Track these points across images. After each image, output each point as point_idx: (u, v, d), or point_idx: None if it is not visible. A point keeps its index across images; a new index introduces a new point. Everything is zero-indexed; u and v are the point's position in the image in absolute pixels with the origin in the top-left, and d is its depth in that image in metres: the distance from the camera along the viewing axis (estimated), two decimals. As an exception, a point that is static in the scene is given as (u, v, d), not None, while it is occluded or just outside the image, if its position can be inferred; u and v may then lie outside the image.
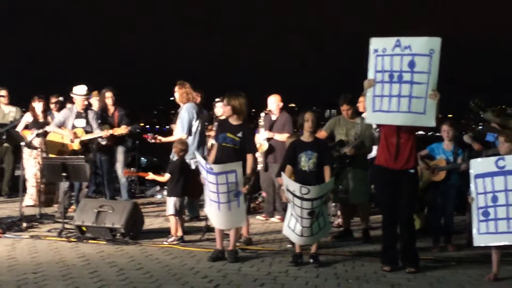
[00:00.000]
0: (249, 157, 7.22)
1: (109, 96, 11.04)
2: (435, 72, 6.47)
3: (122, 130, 10.32)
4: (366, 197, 8.60)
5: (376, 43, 6.70)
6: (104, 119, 10.85)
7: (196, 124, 9.75)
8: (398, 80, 6.57)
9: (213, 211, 7.21)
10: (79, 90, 10.27)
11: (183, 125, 9.65)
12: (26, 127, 11.19)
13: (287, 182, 6.77)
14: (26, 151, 10.96)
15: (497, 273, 6.41)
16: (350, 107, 8.55)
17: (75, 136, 9.99)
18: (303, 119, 7.16)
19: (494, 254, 6.46)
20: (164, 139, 9.84)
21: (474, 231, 6.47)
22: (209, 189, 7.11)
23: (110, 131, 10.24)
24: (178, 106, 10.17)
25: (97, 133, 10.21)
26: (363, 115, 8.34)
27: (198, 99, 10.38)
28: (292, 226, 6.89)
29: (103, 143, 10.69)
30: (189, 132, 9.63)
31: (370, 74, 6.74)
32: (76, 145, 10.01)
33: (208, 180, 7.06)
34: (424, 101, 6.50)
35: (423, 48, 6.50)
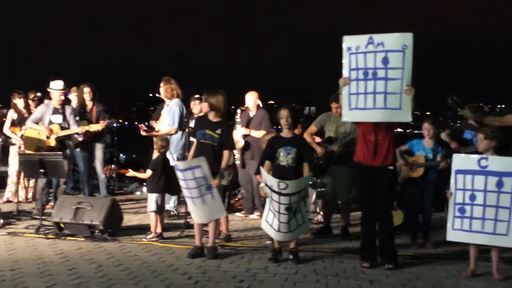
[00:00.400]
0: (225, 153, 7.22)
1: (87, 92, 10.96)
2: (409, 67, 6.47)
3: (98, 126, 10.26)
4: (350, 195, 8.63)
5: (349, 41, 6.70)
6: (82, 114, 10.78)
7: (184, 120, 9.80)
8: (373, 77, 6.58)
9: (190, 207, 7.31)
10: (56, 85, 10.19)
11: (174, 119, 9.70)
12: (13, 124, 11.10)
13: (266, 177, 6.78)
14: (13, 148, 10.92)
15: (474, 269, 6.47)
16: (339, 106, 8.52)
17: (51, 132, 9.91)
18: (279, 116, 7.19)
19: (471, 250, 6.51)
20: (156, 133, 9.77)
21: (448, 225, 6.52)
22: (181, 185, 7.22)
23: (86, 128, 10.16)
24: (157, 102, 10.12)
25: (73, 129, 10.13)
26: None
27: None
28: (269, 221, 6.90)
29: (80, 139, 10.62)
30: (180, 127, 9.68)
31: (345, 73, 6.75)
32: (52, 142, 9.93)
33: (178, 177, 7.19)
34: (399, 96, 6.51)
35: (396, 44, 6.50)
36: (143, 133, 9.92)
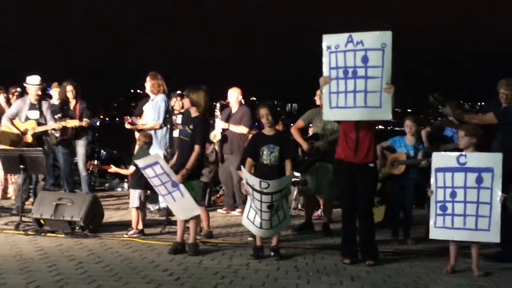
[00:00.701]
0: (195, 147, 7.14)
1: (69, 90, 10.86)
2: (388, 65, 6.51)
3: (75, 122, 10.18)
4: (334, 192, 8.63)
5: (329, 40, 6.72)
6: (64, 112, 10.69)
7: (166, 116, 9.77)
8: (353, 75, 6.60)
9: (168, 204, 7.44)
10: (32, 80, 10.08)
11: (160, 114, 9.66)
12: None
13: (247, 176, 6.78)
14: None
15: (454, 265, 6.52)
16: None
17: (24, 133, 9.79)
18: (259, 115, 7.18)
19: (451, 247, 6.56)
20: (140, 126, 9.70)
21: (431, 223, 6.56)
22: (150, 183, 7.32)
23: (63, 123, 10.06)
24: (138, 98, 10.08)
25: (50, 125, 10.02)
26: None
27: None
28: (251, 217, 6.91)
29: (57, 134, 10.52)
30: (165, 123, 9.64)
31: (325, 71, 6.75)
32: (29, 137, 9.82)
33: (146, 176, 7.28)
34: (379, 95, 6.53)
35: (375, 42, 6.53)
36: (127, 125, 9.84)
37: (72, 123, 10.14)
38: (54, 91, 11.37)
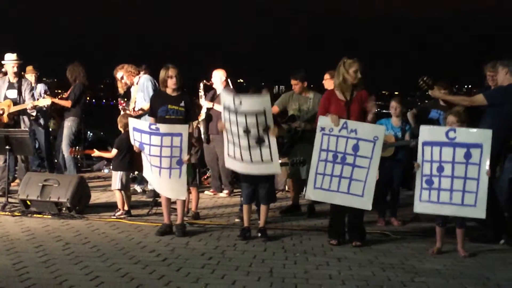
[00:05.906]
0: (191, 125, 7.20)
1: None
2: (377, 158, 6.64)
3: (47, 101, 10.07)
4: None
5: (324, 122, 6.82)
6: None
7: None
8: (341, 161, 6.74)
9: (154, 176, 7.22)
10: (9, 56, 9.98)
11: (149, 94, 9.51)
12: None
13: (224, 98, 6.91)
14: None
15: (440, 247, 6.56)
16: (298, 82, 8.57)
17: (0, 113, 9.66)
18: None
19: (438, 228, 6.60)
20: (139, 113, 9.59)
21: (416, 197, 6.56)
22: (151, 153, 7.04)
23: (35, 102, 9.92)
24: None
25: (24, 104, 9.83)
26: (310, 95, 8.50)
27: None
28: (231, 153, 6.98)
29: (34, 114, 10.41)
30: None
31: (315, 152, 6.84)
32: (5, 118, 9.68)
33: (151, 143, 6.99)
34: (363, 184, 6.67)
35: (368, 134, 6.67)
36: (122, 109, 9.70)
37: (43, 102, 10.02)
38: (30, 76, 11.26)
